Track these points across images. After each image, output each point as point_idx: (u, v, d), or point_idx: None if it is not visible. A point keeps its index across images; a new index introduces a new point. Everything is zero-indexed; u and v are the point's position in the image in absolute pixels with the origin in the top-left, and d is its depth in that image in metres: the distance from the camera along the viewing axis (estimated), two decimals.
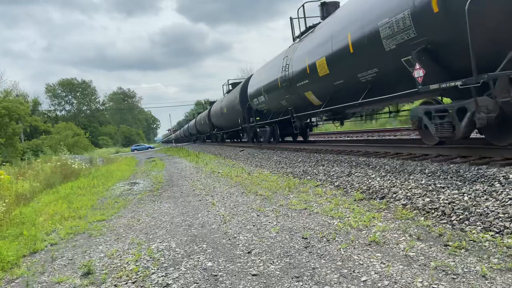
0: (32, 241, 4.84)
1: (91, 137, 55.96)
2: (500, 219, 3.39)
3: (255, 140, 18.81)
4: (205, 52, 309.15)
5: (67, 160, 15.65)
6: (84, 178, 13.15)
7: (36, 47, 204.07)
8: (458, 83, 5.05)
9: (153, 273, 3.35)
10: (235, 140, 28.68)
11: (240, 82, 22.15)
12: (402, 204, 4.59)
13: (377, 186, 5.51)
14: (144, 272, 3.38)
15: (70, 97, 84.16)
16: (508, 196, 3.67)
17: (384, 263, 3.00)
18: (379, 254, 3.21)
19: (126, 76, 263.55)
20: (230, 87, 25.13)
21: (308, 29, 11.38)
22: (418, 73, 5.89)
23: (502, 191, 3.82)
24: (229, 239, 4.16)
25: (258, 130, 17.84)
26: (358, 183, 6.02)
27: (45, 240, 4.96)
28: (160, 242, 4.33)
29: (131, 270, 3.49)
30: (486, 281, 2.52)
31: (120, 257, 3.96)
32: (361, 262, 3.07)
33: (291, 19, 12.35)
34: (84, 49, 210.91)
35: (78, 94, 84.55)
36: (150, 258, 3.79)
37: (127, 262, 3.73)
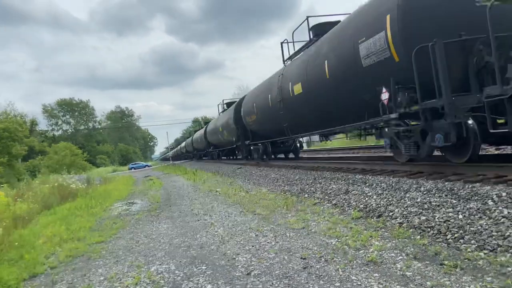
0: (32, 264, 4.85)
1: (89, 156, 55.87)
2: (494, 237, 3.46)
3: (249, 157, 19.58)
4: (197, 71, 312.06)
5: (64, 180, 15.65)
6: (81, 198, 13.12)
7: (26, 68, 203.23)
8: None
9: None
10: (231, 157, 29.44)
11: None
12: (399, 223, 4.65)
13: (374, 204, 5.57)
14: None
15: (67, 116, 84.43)
16: (501, 214, 3.75)
17: (382, 284, 3.05)
18: (376, 274, 3.25)
19: (120, 95, 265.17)
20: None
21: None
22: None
23: (495, 209, 3.90)
24: (228, 260, 4.19)
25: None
26: (355, 201, 6.07)
27: (45, 264, 4.97)
28: (160, 264, 4.36)
29: None
30: None
31: (120, 280, 3.98)
32: (359, 283, 3.12)
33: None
34: (76, 69, 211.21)
35: (76, 113, 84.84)
36: (150, 281, 3.81)
37: (127, 286, 3.75)
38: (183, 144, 62.45)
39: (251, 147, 18.73)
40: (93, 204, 11.18)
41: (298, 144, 17.80)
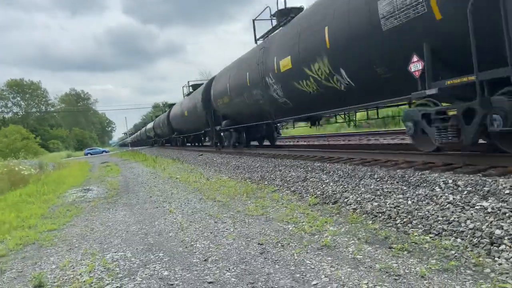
0: None
1: (42, 140, 53.45)
2: (439, 222, 3.67)
3: (218, 144, 18.12)
4: (157, 54, 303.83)
5: (15, 165, 14.90)
6: (33, 184, 12.57)
7: None
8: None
9: (107, 284, 3.32)
10: (197, 144, 28.42)
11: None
12: (353, 209, 4.83)
13: (330, 191, 5.73)
14: (98, 284, 3.35)
15: (18, 98, 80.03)
16: (447, 200, 3.98)
17: (334, 267, 3.16)
18: (329, 258, 3.37)
19: (74, 77, 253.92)
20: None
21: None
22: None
23: (441, 195, 4.13)
24: (186, 247, 4.18)
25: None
26: (313, 188, 6.22)
27: None
28: (115, 252, 4.28)
29: (84, 281, 3.43)
30: (425, 281, 2.73)
31: (73, 268, 3.87)
32: (313, 266, 3.22)
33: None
34: (25, 49, 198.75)
35: (27, 95, 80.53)
36: (105, 268, 3.74)
37: (80, 274, 3.66)
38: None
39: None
40: (46, 190, 10.76)
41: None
